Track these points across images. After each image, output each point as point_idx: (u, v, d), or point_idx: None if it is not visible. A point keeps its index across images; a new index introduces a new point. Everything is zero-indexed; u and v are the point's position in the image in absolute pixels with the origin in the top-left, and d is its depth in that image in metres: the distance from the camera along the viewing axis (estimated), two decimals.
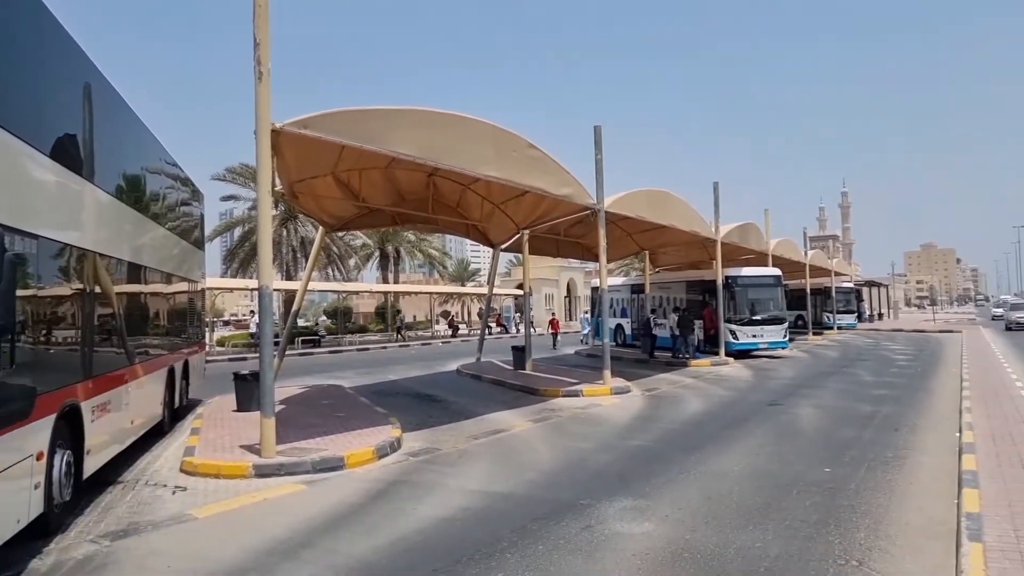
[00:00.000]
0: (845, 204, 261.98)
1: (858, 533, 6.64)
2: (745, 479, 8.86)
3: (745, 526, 6.93)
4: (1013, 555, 5.56)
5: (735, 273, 28.25)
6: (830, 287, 48.56)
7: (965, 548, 5.71)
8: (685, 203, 23.58)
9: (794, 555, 6.09)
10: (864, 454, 10.07)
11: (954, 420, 12.42)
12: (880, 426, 12.36)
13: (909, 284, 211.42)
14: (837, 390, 17.75)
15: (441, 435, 12.34)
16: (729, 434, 12.04)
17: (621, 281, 38.45)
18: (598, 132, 18.14)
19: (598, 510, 7.59)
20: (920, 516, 7.15)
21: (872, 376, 20.72)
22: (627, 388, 17.80)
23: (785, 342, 29.03)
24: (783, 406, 15.15)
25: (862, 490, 8.15)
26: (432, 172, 17.32)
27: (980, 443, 9.85)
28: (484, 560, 6.16)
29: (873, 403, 15.11)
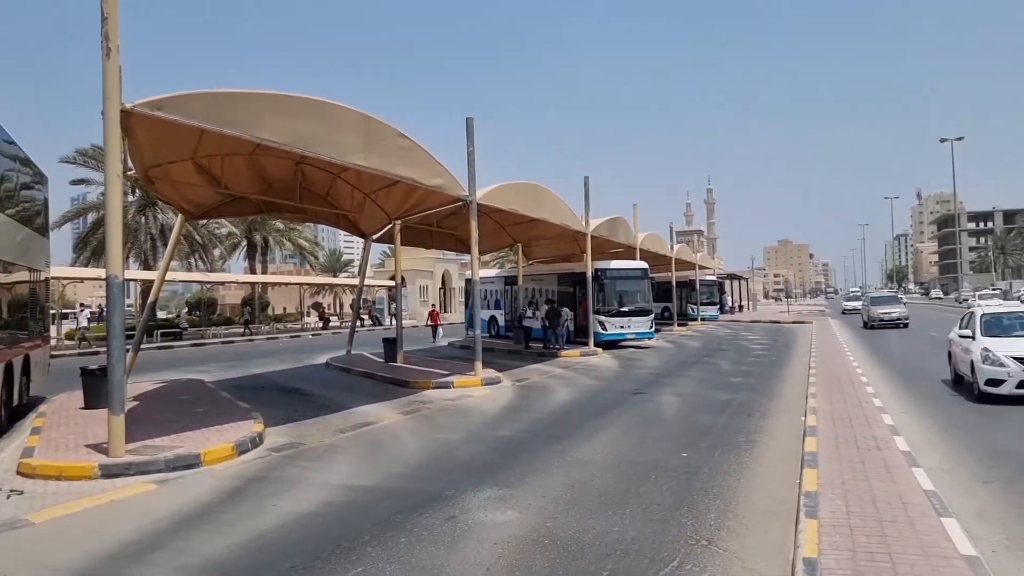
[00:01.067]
0: (710, 200, 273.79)
1: (709, 514, 6.95)
2: (607, 466, 9.10)
3: (605, 511, 7.11)
4: (843, 529, 5.96)
5: (604, 266, 29.00)
6: (695, 280, 50.66)
7: (802, 525, 6.08)
8: (556, 197, 23.97)
9: (649, 537, 6.30)
10: (719, 439, 10.54)
11: (801, 405, 13.17)
12: (735, 412, 12.97)
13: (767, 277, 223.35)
14: (698, 379, 18.53)
15: (306, 429, 12.05)
16: (595, 423, 12.34)
17: (495, 273, 38.73)
18: (470, 124, 18.14)
19: (463, 500, 7.60)
20: (765, 496, 7.55)
21: (730, 365, 21.75)
22: (498, 379, 17.95)
23: (651, 333, 30.06)
24: (647, 395, 15.67)
25: (715, 473, 8.52)
26: (300, 160, 16.83)
27: (822, 426, 10.52)
28: (345, 554, 6.05)
29: (730, 391, 15.85)
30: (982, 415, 12.03)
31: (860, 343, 28.68)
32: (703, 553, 5.91)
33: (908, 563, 5.21)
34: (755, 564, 5.65)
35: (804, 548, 5.56)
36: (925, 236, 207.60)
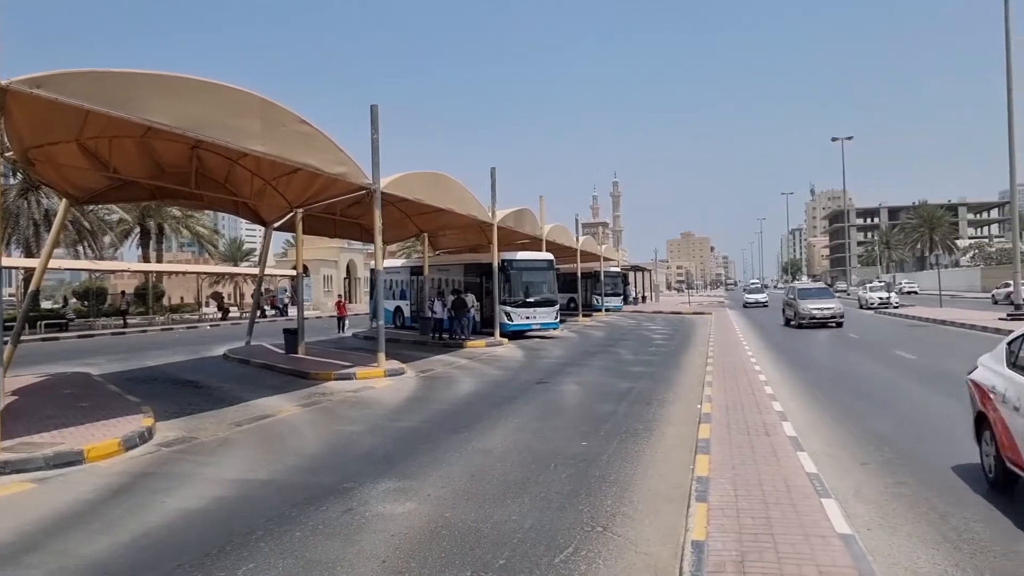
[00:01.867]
0: (616, 193, 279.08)
1: (606, 501, 7.07)
2: (508, 455, 9.15)
3: (504, 501, 7.15)
4: (730, 512, 6.18)
5: (511, 257, 29.14)
6: (600, 271, 51.50)
7: (693, 509, 6.27)
8: (463, 187, 23.91)
9: (546, 525, 6.37)
10: (618, 427, 10.75)
11: (698, 393, 13.55)
12: (635, 401, 13.25)
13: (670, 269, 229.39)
14: (600, 368, 18.85)
15: (200, 423, 11.65)
16: (497, 412, 12.39)
17: (400, 263, 38.39)
18: (374, 111, 17.87)
19: (361, 493, 7.51)
20: (660, 482, 7.75)
21: (632, 355, 22.23)
22: (401, 370, 17.80)
23: (556, 323, 30.42)
24: (550, 384, 15.85)
25: (613, 461, 8.69)
26: (195, 144, 16.21)
27: (716, 413, 10.87)
28: (236, 551, 5.88)
29: (631, 379, 16.19)
30: (868, 401, 12.67)
31: (757, 333, 29.81)
32: (598, 539, 6.01)
33: (789, 542, 5.43)
34: (648, 548, 5.79)
35: (693, 531, 5.74)
36: (818, 231, 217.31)
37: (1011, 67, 30.06)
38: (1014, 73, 30.07)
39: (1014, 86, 30.06)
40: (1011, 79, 30.08)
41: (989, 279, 70.90)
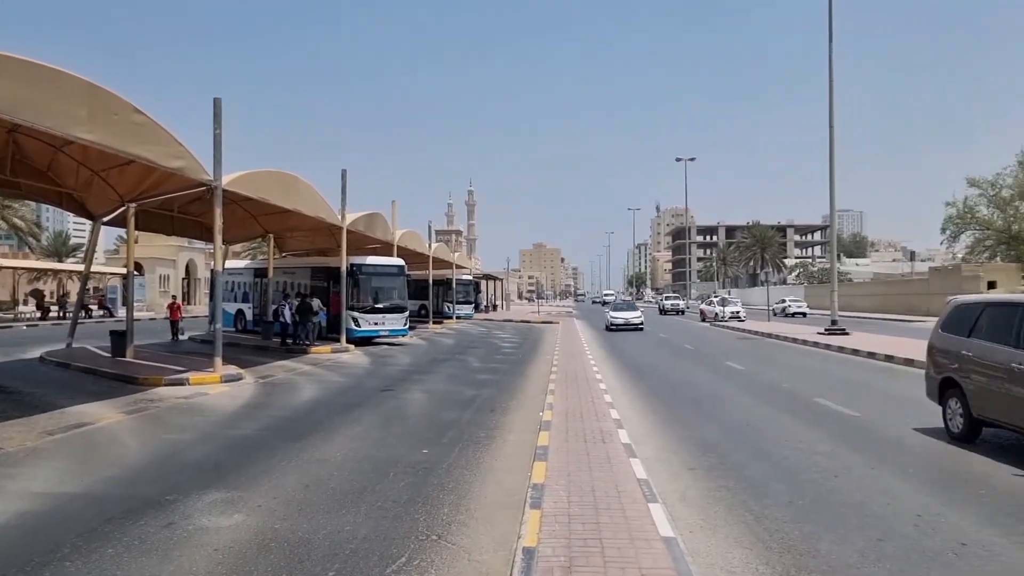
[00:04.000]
0: (471, 202, 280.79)
1: (443, 509, 7.03)
2: (346, 464, 8.93)
3: (339, 511, 6.96)
4: (563, 518, 6.30)
5: (360, 261, 28.66)
6: (452, 279, 51.63)
7: (527, 516, 6.35)
8: (312, 188, 23.30)
9: (381, 535, 6.25)
10: (461, 435, 10.74)
11: (541, 401, 13.77)
12: (479, 408, 13.31)
13: (522, 279, 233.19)
14: (447, 375, 18.84)
15: (6, 432, 10.66)
16: (339, 420, 12.10)
17: (244, 264, 36.92)
18: (218, 105, 17.08)
19: (185, 505, 7.09)
20: (498, 490, 7.79)
21: (480, 363, 22.37)
22: (239, 376, 17.06)
23: (405, 330, 30.18)
24: (395, 391, 15.66)
25: (453, 469, 8.66)
26: (11, 128, 14.88)
27: (556, 421, 11.09)
28: (37, 571, 5.40)
29: (477, 387, 16.27)
30: (699, 409, 13.32)
31: (601, 343, 30.80)
32: (432, 548, 5.96)
33: (616, 547, 5.60)
34: (480, 556, 5.79)
35: (526, 538, 5.80)
36: (662, 246, 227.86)
37: (832, 104, 32.71)
38: (835, 111, 32.75)
39: (835, 123, 32.75)
40: (832, 116, 32.72)
41: (812, 296, 76.78)
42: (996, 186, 61.23)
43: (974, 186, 61.72)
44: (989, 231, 62.42)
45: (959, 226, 63.79)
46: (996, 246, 62.23)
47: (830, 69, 32.51)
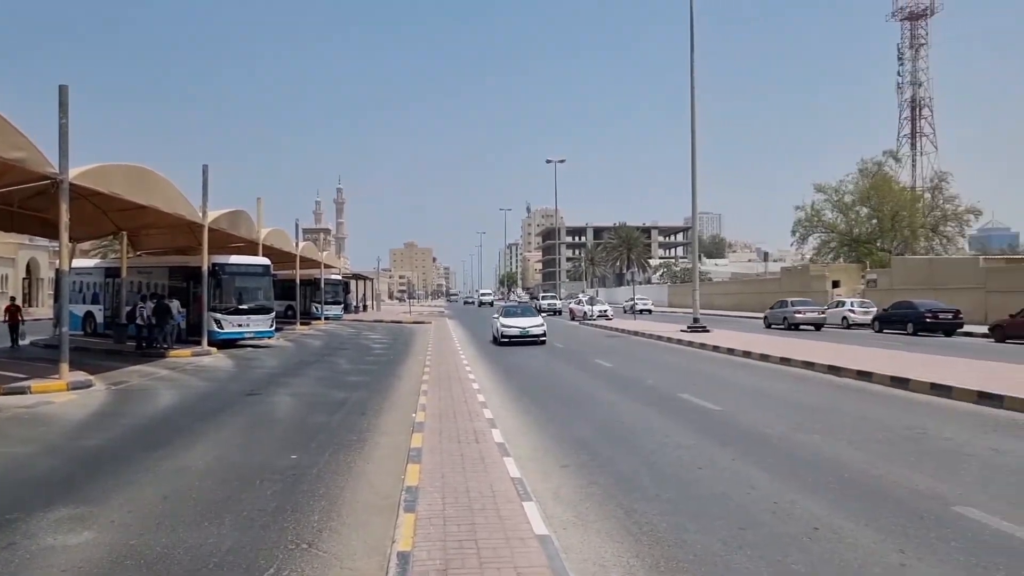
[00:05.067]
0: (340, 200, 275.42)
1: (313, 516, 6.82)
2: (209, 473, 8.53)
3: (201, 523, 6.62)
4: (437, 520, 6.24)
5: (223, 261, 27.51)
6: (320, 278, 50.42)
7: (400, 519, 6.25)
8: (170, 183, 22.13)
9: (247, 546, 5.99)
10: (331, 439, 10.47)
11: (413, 402, 13.61)
12: (349, 411, 13.03)
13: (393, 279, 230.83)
14: (316, 378, 18.37)
15: None
16: (201, 427, 11.56)
17: (93, 264, 34.72)
18: (64, 93, 15.88)
19: (28, 524, 6.56)
20: (371, 493, 7.64)
21: (350, 364, 21.94)
22: (89, 382, 15.98)
23: (271, 331, 29.22)
24: (261, 396, 15.12)
25: (324, 474, 8.43)
26: None
27: (430, 422, 11.00)
28: None
29: (347, 389, 15.93)
30: (570, 407, 13.55)
31: (472, 341, 30.87)
32: (302, 557, 5.77)
33: (491, 547, 5.59)
34: (353, 563, 5.65)
35: (400, 542, 5.70)
36: (532, 246, 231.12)
37: (695, 112, 34.17)
38: (697, 118, 34.24)
39: (697, 129, 34.25)
40: (694, 122, 34.20)
41: (675, 295, 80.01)
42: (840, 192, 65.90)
43: (821, 192, 66.23)
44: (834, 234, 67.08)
45: (807, 229, 68.26)
46: (840, 248, 66.97)
47: (692, 80, 33.94)
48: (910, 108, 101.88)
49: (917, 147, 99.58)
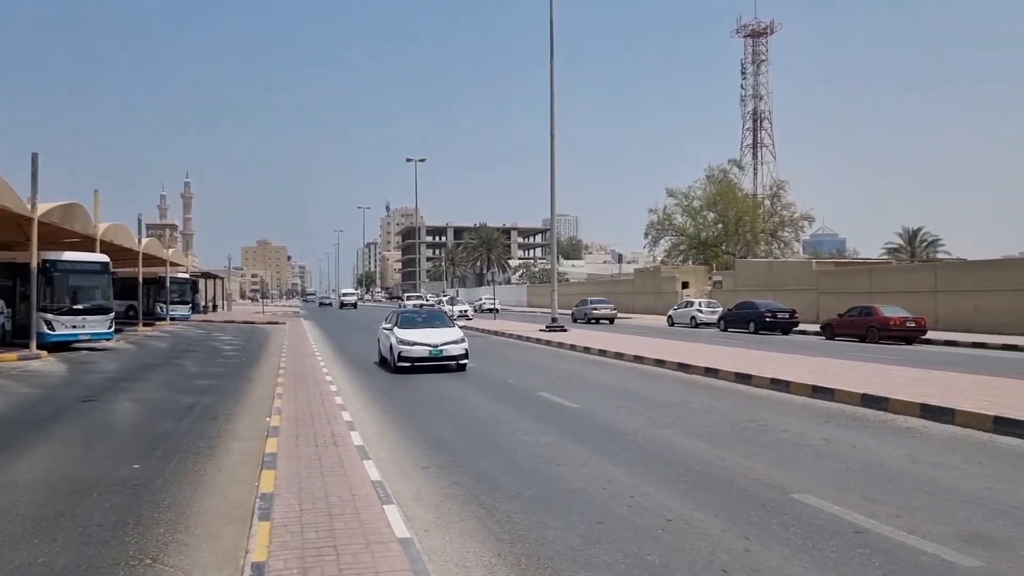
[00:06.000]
0: (187, 195, 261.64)
1: (159, 529, 6.42)
2: (40, 487, 7.88)
3: (30, 540, 6.09)
4: (295, 528, 6.02)
5: (55, 257, 25.53)
6: (165, 277, 47.84)
7: (255, 528, 5.98)
8: None
9: (84, 563, 5.56)
10: (178, 446, 9.91)
11: (268, 406, 13.11)
12: (199, 416, 12.39)
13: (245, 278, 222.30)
14: (161, 382, 17.39)
15: None
16: (30, 437, 10.64)
17: None
18: None
19: None
20: (222, 502, 7.28)
21: (199, 367, 20.91)
22: None
23: (111, 333, 27.41)
24: (99, 402, 14.13)
25: (169, 484, 7.96)
26: None
27: (285, 426, 10.63)
28: None
29: (196, 394, 15.15)
30: (430, 408, 13.47)
31: (328, 342, 30.16)
32: (147, 573, 5.41)
33: (351, 552, 5.45)
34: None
35: (254, 553, 5.45)
36: (392, 245, 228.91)
37: (554, 117, 34.90)
38: (556, 123, 34.98)
39: (556, 133, 34.98)
40: (554, 127, 34.94)
41: (534, 295, 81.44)
42: (689, 197, 69.31)
43: (672, 196, 69.45)
44: (683, 237, 70.47)
45: (659, 232, 71.38)
46: (689, 250, 70.43)
47: (551, 87, 34.65)
48: (752, 120, 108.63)
49: (758, 157, 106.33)
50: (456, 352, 18.76)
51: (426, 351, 18.38)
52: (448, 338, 19.06)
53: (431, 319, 21.26)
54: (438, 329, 19.88)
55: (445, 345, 18.63)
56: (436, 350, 18.46)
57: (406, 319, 20.67)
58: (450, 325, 20.89)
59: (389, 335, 19.50)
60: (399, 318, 20.44)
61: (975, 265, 35.79)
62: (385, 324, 21.03)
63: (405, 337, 18.74)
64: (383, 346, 20.34)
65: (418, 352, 18.36)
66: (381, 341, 20.76)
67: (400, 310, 22.57)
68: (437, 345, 18.55)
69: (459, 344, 18.93)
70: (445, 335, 19.29)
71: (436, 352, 18.45)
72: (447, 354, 18.57)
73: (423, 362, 18.33)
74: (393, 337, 18.95)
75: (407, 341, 18.57)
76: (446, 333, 19.54)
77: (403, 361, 18.38)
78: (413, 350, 18.38)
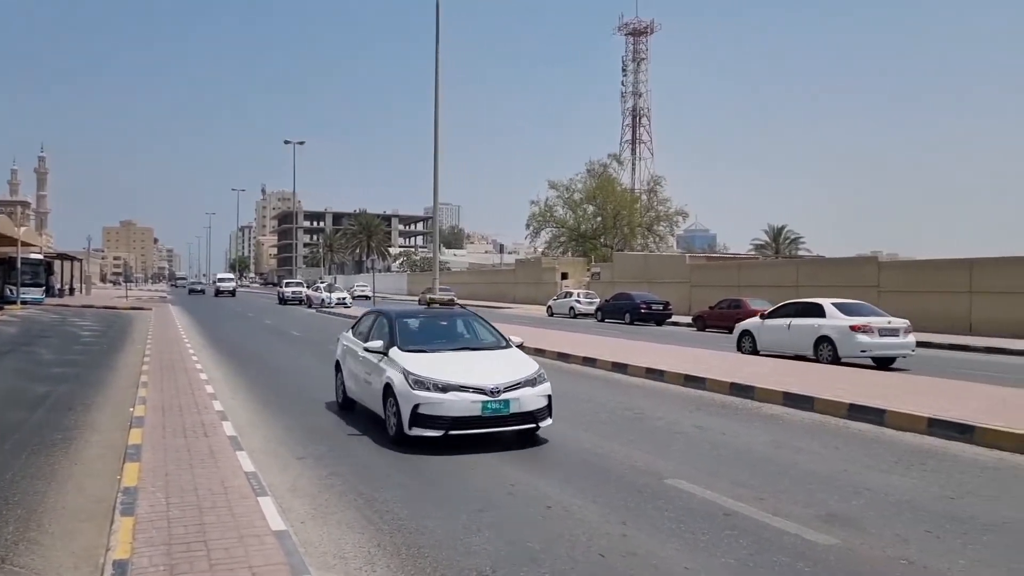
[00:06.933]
0: (42, 170, 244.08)
1: (7, 528, 5.96)
2: None
3: None
4: (161, 523, 5.70)
5: None
6: (16, 257, 44.58)
7: (117, 524, 5.63)
8: None
9: None
10: (30, 438, 9.26)
11: (132, 395, 12.41)
12: (53, 407, 11.62)
13: (107, 260, 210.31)
14: (11, 370, 16.23)
15: None
16: None
17: None
18: None
19: None
20: (79, 497, 6.84)
21: (54, 354, 19.60)
22: None
23: None
24: None
25: (19, 479, 7.41)
26: None
27: (151, 416, 10.08)
28: None
29: (51, 383, 14.18)
30: (308, 397, 13.09)
31: (199, 330, 28.93)
32: None
33: (223, 547, 5.21)
34: None
35: (116, 550, 5.13)
36: (267, 230, 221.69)
37: (439, 105, 34.61)
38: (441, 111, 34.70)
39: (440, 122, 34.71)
40: (438, 115, 34.62)
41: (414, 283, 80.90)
42: (570, 190, 70.59)
43: (554, 188, 70.54)
44: (563, 229, 71.74)
45: (540, 223, 72.39)
46: (569, 242, 71.78)
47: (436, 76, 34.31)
48: (631, 116, 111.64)
49: (637, 152, 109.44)
50: (532, 403, 9.16)
51: (476, 404, 8.80)
52: (512, 374, 9.32)
53: (458, 329, 11.12)
54: (483, 354, 10.15)
55: (511, 389, 9.02)
56: (496, 403, 8.85)
57: (411, 330, 10.55)
58: (502, 342, 10.69)
59: (375, 363, 9.98)
60: (394, 328, 10.24)
61: (831, 262, 38.20)
62: (351, 337, 11.62)
63: (423, 372, 9.05)
64: (353, 378, 11.04)
65: (459, 406, 8.79)
66: (347, 368, 11.38)
67: (388, 312, 11.17)
68: (496, 390, 8.90)
69: (535, 386, 9.29)
70: (502, 365, 9.63)
71: (496, 407, 8.85)
72: (517, 409, 8.97)
73: (469, 426, 8.89)
74: (391, 370, 9.40)
75: (430, 382, 8.90)
76: (502, 361, 9.82)
77: (424, 425, 8.83)
78: (447, 402, 8.78)
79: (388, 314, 10.89)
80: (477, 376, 8.98)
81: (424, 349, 9.76)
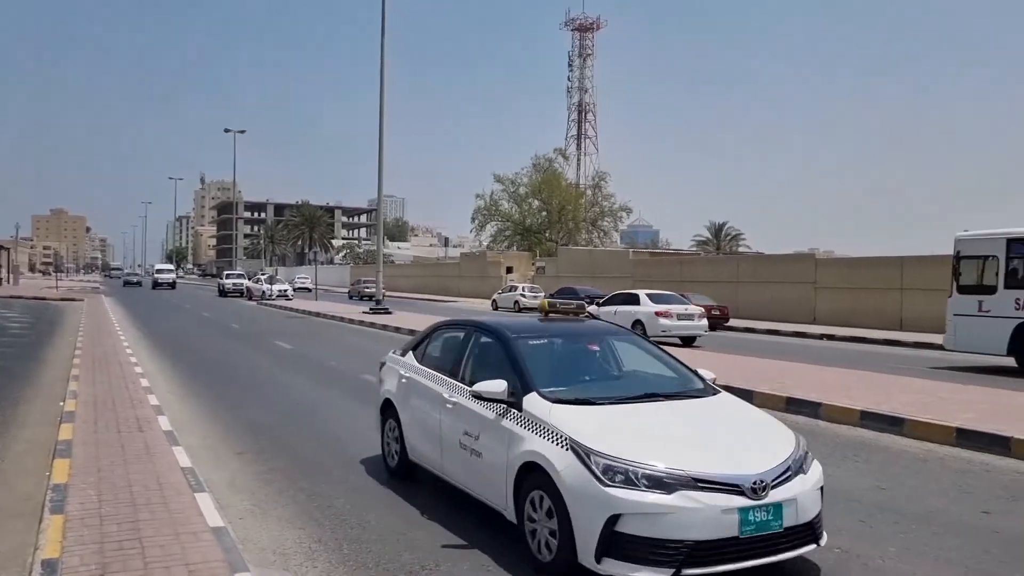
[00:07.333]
0: None
1: None
2: None
3: None
4: (93, 521, 5.53)
5: None
6: None
7: (46, 522, 5.45)
8: None
9: None
10: None
11: (62, 389, 12.03)
12: None
13: (36, 249, 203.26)
14: None
15: None
16: None
17: None
18: None
19: None
20: (7, 495, 6.58)
21: None
22: None
23: None
24: None
25: None
26: None
27: (82, 410, 9.77)
28: None
29: None
30: (247, 391, 12.88)
31: (133, 322, 28.18)
32: None
33: (159, 544, 5.08)
34: None
35: (45, 549, 4.96)
36: (206, 220, 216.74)
37: (383, 96, 34.31)
38: (386, 102, 34.42)
39: (385, 113, 34.43)
40: (383, 106, 34.35)
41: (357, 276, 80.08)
42: (516, 184, 70.69)
43: (499, 182, 70.53)
44: (509, 223, 71.81)
45: (486, 217, 72.33)
46: (514, 236, 71.88)
47: (381, 65, 34.06)
48: (577, 111, 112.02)
49: (582, 148, 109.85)
50: (811, 507, 4.79)
51: (730, 516, 4.41)
52: (764, 451, 4.93)
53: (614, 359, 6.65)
54: (684, 406, 5.67)
55: (780, 483, 4.64)
56: (761, 510, 4.48)
57: (550, 364, 6.10)
58: (694, 381, 6.07)
59: (488, 419, 5.58)
60: (521, 359, 5.77)
61: (771, 259, 39.07)
62: (415, 365, 7.18)
63: (614, 447, 4.65)
64: (428, 434, 6.61)
65: (700, 520, 4.36)
66: (413, 414, 6.96)
67: (495, 327, 6.42)
68: (759, 485, 4.50)
69: (805, 472, 4.91)
70: (740, 432, 5.36)
71: (761, 519, 4.48)
72: (792, 520, 4.62)
73: (718, 559, 4.40)
74: (532, 435, 5.07)
75: (637, 468, 4.49)
76: (730, 423, 5.53)
77: (630, 555, 4.38)
78: (678, 512, 4.36)
79: (498, 331, 6.33)
80: (715, 458, 4.77)
81: (591, 399, 5.44)
